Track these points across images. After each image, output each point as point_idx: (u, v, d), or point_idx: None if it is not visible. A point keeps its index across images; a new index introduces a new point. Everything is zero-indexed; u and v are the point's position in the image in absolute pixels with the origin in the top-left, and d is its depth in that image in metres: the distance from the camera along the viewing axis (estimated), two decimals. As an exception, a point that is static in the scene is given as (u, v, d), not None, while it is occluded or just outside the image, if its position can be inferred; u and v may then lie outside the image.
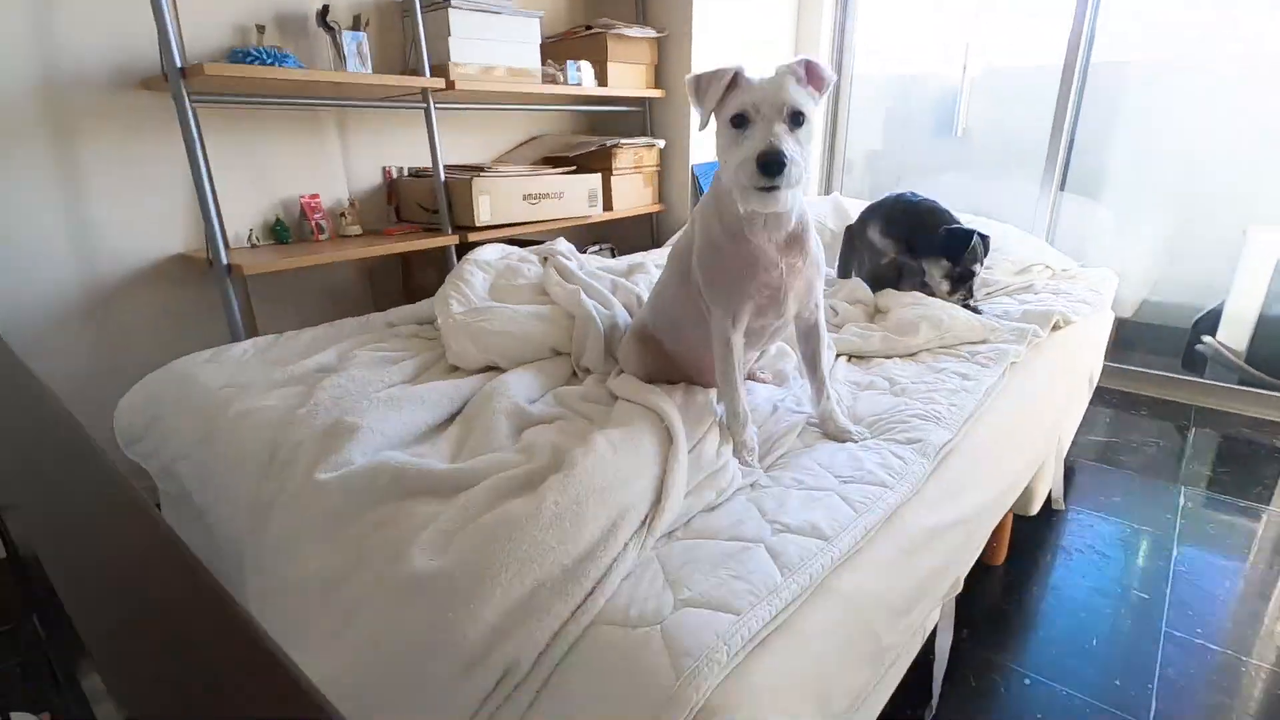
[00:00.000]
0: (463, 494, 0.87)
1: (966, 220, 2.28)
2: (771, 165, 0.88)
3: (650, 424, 0.99)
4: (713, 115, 0.99)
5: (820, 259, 1.14)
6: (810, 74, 0.97)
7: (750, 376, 1.37)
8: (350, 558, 0.84)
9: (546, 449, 0.95)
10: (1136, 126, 2.56)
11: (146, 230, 1.77)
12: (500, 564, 0.72)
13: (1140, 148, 2.57)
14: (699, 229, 1.11)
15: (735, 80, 0.96)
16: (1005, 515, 1.51)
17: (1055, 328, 1.63)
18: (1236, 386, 2.45)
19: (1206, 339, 2.60)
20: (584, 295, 1.41)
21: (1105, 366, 2.50)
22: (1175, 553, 1.61)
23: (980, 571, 1.55)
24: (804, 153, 0.94)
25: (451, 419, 1.16)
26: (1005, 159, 2.83)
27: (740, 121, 0.94)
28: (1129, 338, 2.70)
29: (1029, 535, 1.68)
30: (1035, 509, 1.49)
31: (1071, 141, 2.64)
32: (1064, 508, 1.79)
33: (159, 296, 1.82)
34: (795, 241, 1.07)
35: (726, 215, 1.05)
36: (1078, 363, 1.63)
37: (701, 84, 0.98)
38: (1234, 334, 2.54)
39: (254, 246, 1.91)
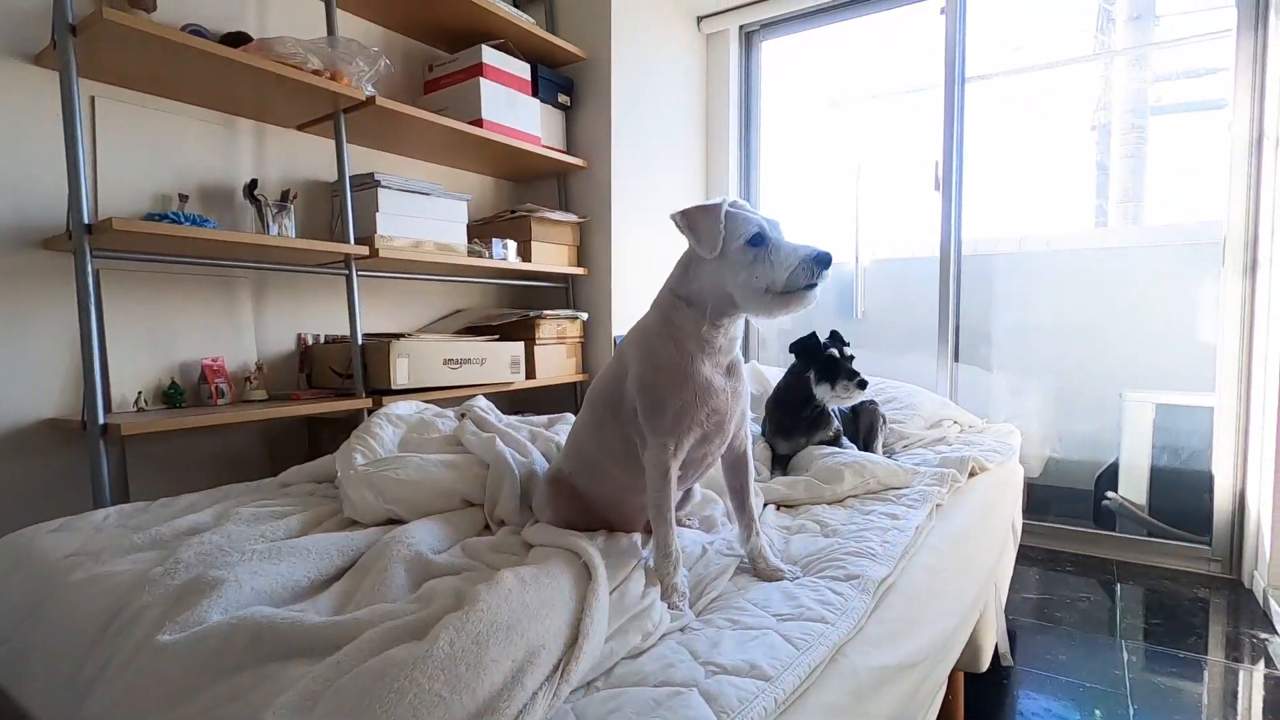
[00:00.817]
0: (340, 650, 0.72)
1: (874, 383, 2.41)
2: (828, 259, 0.98)
3: (566, 561, 0.89)
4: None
5: (748, 382, 1.16)
6: None
7: (676, 522, 1.29)
8: (186, 739, 0.66)
9: (448, 594, 0.82)
10: (1013, 305, 2.87)
11: (12, 393, 1.61)
12: (376, 722, 0.58)
13: (1019, 324, 2.87)
14: (638, 357, 1.07)
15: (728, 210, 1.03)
16: (957, 675, 1.41)
17: (972, 473, 1.66)
18: (1147, 539, 2.52)
19: (1111, 495, 2.70)
20: (499, 442, 1.34)
21: (1025, 524, 2.54)
22: (1132, 709, 1.52)
23: (940, 743, 1.41)
24: None
25: (341, 575, 1.02)
26: (903, 336, 3.07)
27: (759, 240, 0.99)
28: (1041, 499, 2.78)
29: (983, 698, 1.56)
30: (984, 665, 1.40)
31: (958, 320, 2.90)
32: (1013, 663, 1.69)
33: (12, 467, 1.61)
34: (734, 367, 1.09)
35: (686, 338, 1.04)
36: (999, 506, 1.64)
37: (693, 217, 1.03)
38: (1133, 488, 2.66)
39: (140, 410, 1.76)
